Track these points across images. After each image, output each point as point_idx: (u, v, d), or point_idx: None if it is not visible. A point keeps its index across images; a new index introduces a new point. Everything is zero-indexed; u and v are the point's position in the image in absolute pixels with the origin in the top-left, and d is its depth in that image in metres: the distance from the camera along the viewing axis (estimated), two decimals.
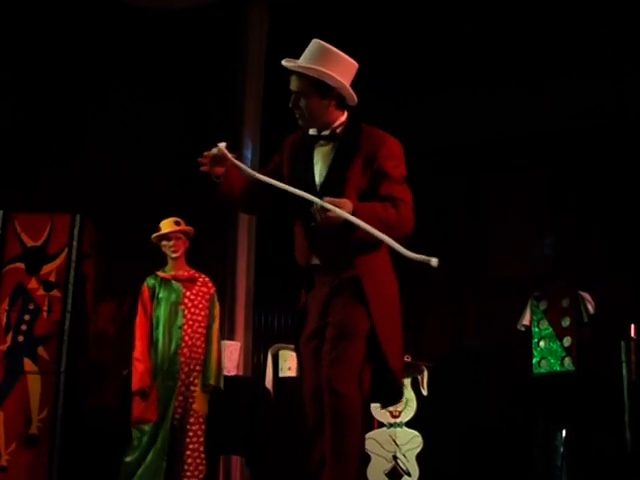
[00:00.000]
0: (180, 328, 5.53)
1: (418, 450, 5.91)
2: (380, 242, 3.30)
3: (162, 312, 5.58)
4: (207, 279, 5.77)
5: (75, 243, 6.38)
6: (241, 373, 6.80)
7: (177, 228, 5.64)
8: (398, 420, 5.96)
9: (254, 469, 6.32)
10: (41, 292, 6.32)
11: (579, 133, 6.79)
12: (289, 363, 6.29)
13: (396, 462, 5.94)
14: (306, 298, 3.53)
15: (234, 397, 6.04)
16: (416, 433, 5.95)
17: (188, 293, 5.63)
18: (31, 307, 6.30)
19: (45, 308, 6.29)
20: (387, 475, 5.95)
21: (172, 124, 7.76)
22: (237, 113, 7.64)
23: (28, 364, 6.19)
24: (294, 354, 6.55)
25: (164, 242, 5.67)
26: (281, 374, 6.40)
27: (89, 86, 7.76)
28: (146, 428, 5.39)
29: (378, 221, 3.23)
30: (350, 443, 3.24)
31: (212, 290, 5.76)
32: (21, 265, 6.36)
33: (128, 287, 7.14)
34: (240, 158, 3.52)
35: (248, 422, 6.05)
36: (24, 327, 6.26)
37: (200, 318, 5.62)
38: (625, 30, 6.68)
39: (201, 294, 5.68)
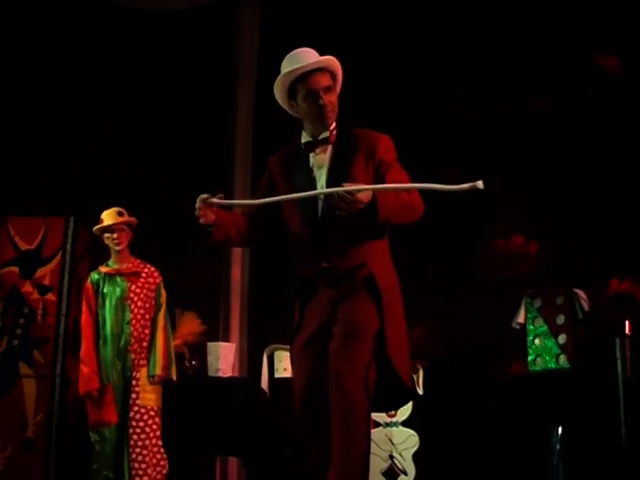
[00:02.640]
0: (128, 324, 5.37)
1: (414, 449, 5.90)
2: (384, 238, 3.46)
3: (108, 309, 5.41)
4: (153, 269, 5.60)
5: (69, 246, 6.39)
6: (236, 374, 6.79)
7: (120, 219, 5.46)
8: (394, 419, 5.95)
9: (251, 470, 6.32)
10: (35, 296, 6.33)
11: (579, 133, 6.79)
12: (284, 364, 6.27)
13: (392, 461, 5.94)
14: (303, 309, 3.52)
15: (230, 398, 6.05)
16: (412, 432, 5.94)
17: (133, 287, 5.47)
18: (26, 311, 6.30)
19: (40, 312, 6.30)
20: (384, 474, 5.95)
21: (171, 124, 7.75)
22: (230, 113, 7.64)
23: (23, 368, 6.20)
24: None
25: (107, 234, 5.48)
26: (277, 375, 6.39)
27: (89, 87, 7.73)
28: (106, 432, 5.23)
29: (395, 201, 3.29)
30: (357, 440, 3.25)
31: (158, 280, 5.58)
32: (15, 269, 6.38)
33: None
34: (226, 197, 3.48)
35: (244, 423, 6.05)
36: (19, 331, 6.27)
37: (144, 311, 5.46)
38: (625, 30, 6.67)
39: (147, 286, 5.51)
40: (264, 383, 6.35)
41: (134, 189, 7.07)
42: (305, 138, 3.57)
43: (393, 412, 5.89)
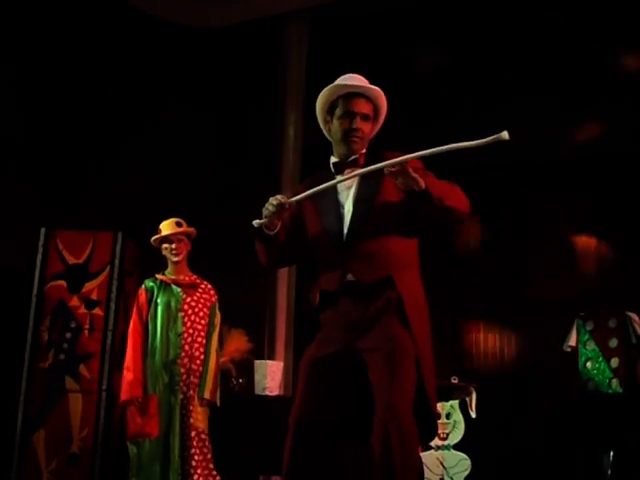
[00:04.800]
0: (179, 336, 5.22)
1: (466, 473, 5.82)
2: (415, 257, 3.43)
3: (159, 318, 5.27)
4: (209, 286, 5.48)
5: (117, 261, 6.35)
6: (282, 393, 6.72)
7: (179, 230, 5.34)
8: (446, 442, 5.88)
9: None
10: (83, 310, 6.29)
11: (630, 156, 6.74)
12: None
13: None
14: (322, 320, 3.44)
15: (278, 417, 5.97)
16: (464, 456, 5.86)
17: (189, 299, 5.33)
18: (72, 325, 6.27)
19: (87, 326, 6.26)
20: None
21: (215, 139, 7.75)
22: (278, 128, 7.63)
23: (69, 382, 6.16)
24: None
25: (165, 245, 5.37)
26: None
27: (137, 101, 7.76)
28: (146, 445, 5.09)
29: (447, 188, 3.28)
30: (414, 471, 3.19)
31: (214, 298, 5.46)
32: (63, 283, 6.34)
33: None
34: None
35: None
36: (65, 345, 6.23)
37: (200, 327, 5.31)
38: None
39: (202, 301, 5.38)
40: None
41: (181, 204, 7.07)
42: (334, 159, 3.56)
43: (445, 435, 5.83)
